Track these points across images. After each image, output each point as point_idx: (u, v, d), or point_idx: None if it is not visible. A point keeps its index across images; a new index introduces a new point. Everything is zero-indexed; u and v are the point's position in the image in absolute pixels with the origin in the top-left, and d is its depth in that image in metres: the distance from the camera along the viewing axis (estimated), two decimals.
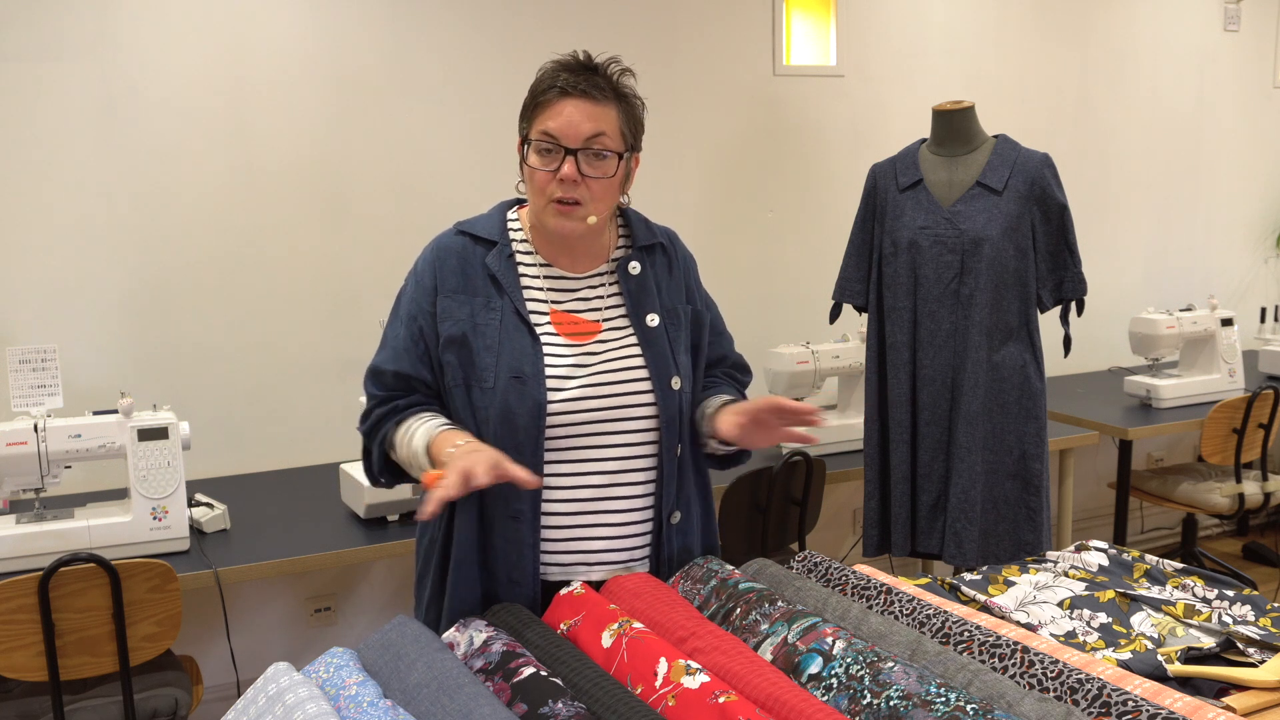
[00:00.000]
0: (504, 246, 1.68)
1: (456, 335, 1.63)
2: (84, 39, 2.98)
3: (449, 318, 1.64)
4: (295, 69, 3.22)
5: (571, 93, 1.59)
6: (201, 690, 2.57)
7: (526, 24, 3.48)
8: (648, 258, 1.75)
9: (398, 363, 1.66)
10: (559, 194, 1.60)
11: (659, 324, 1.70)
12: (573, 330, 1.67)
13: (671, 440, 1.69)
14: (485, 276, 1.66)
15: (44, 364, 2.52)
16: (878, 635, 1.40)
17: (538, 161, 1.61)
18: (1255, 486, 3.83)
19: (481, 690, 1.25)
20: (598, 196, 1.62)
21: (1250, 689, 1.41)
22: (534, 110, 1.63)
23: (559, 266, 1.70)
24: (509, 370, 1.60)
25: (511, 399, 1.59)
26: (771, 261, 3.99)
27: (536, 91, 1.63)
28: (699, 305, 1.79)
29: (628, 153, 1.66)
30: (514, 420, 1.60)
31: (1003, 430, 2.74)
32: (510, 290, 1.65)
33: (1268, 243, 5.15)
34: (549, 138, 1.59)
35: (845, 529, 4.20)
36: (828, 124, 4.03)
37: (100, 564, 2.26)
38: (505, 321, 1.63)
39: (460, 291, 1.65)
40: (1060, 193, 2.71)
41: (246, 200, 3.21)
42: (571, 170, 1.59)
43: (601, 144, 1.60)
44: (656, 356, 1.68)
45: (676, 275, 1.78)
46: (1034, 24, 4.37)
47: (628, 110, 1.66)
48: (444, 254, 1.68)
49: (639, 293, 1.71)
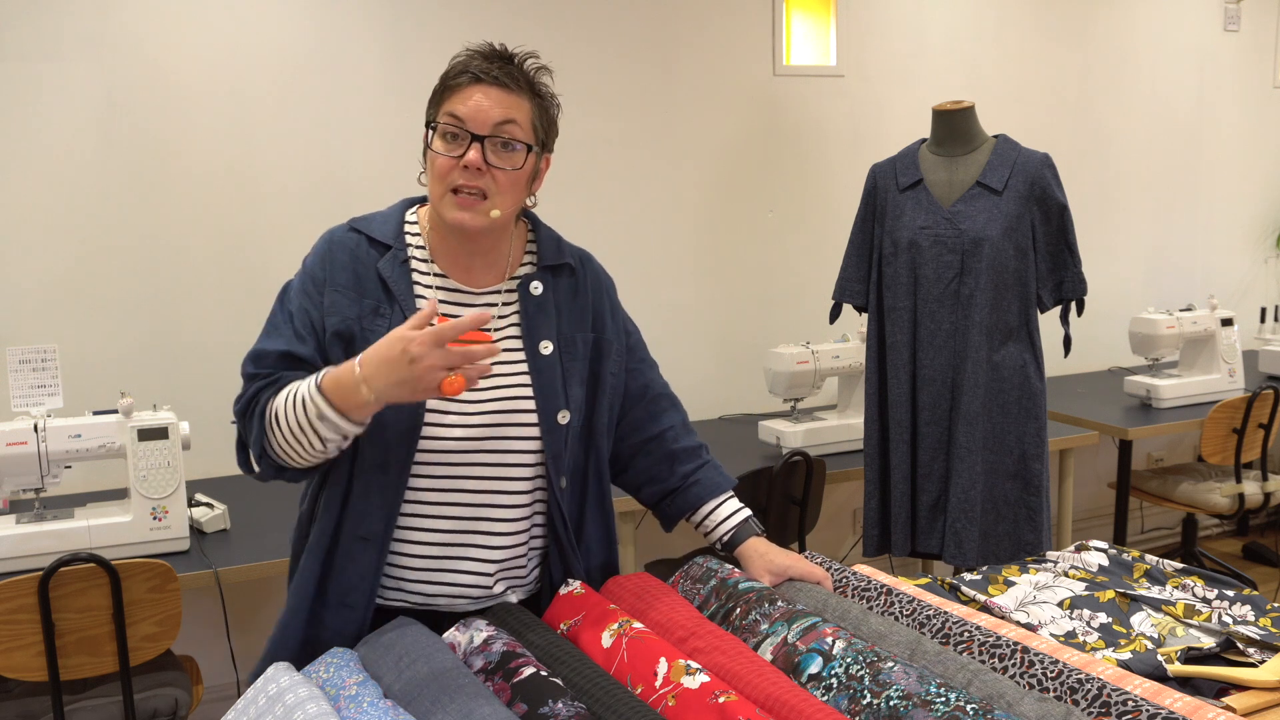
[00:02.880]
0: (399, 251, 1.58)
1: (344, 331, 1.53)
2: (84, 39, 2.98)
3: (336, 312, 1.54)
4: (295, 69, 3.22)
5: (484, 79, 1.51)
6: (201, 690, 2.57)
7: (526, 24, 3.48)
8: (552, 279, 1.64)
9: (290, 345, 1.54)
10: (461, 181, 1.50)
11: (552, 351, 1.60)
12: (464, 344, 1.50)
13: (555, 475, 1.60)
14: (377, 281, 1.56)
15: (44, 364, 2.52)
16: (878, 635, 1.40)
17: (442, 147, 1.51)
18: (1255, 486, 3.83)
19: (481, 690, 1.25)
20: (504, 189, 1.52)
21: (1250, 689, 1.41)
22: (443, 95, 1.54)
23: (454, 279, 1.60)
24: None
25: (387, 414, 1.49)
26: (771, 261, 3.99)
27: (447, 77, 1.54)
28: (607, 334, 1.67)
29: (538, 149, 1.56)
30: (386, 436, 1.51)
31: (1003, 430, 2.74)
32: (402, 299, 1.55)
33: (1268, 243, 5.15)
34: (455, 122, 1.50)
35: (845, 529, 4.20)
36: (828, 124, 4.03)
37: (100, 564, 2.26)
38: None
39: (350, 289, 1.55)
40: (1060, 193, 2.71)
41: (246, 200, 3.21)
42: (477, 157, 1.49)
43: (510, 133, 1.51)
44: (545, 386, 1.59)
45: (582, 300, 1.66)
46: (1034, 24, 4.37)
47: (541, 106, 1.56)
48: (335, 249, 1.58)
49: (536, 315, 1.61)
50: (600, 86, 3.62)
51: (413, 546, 1.57)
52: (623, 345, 1.71)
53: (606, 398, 1.67)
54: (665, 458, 1.74)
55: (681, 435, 1.77)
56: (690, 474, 1.75)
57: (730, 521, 1.72)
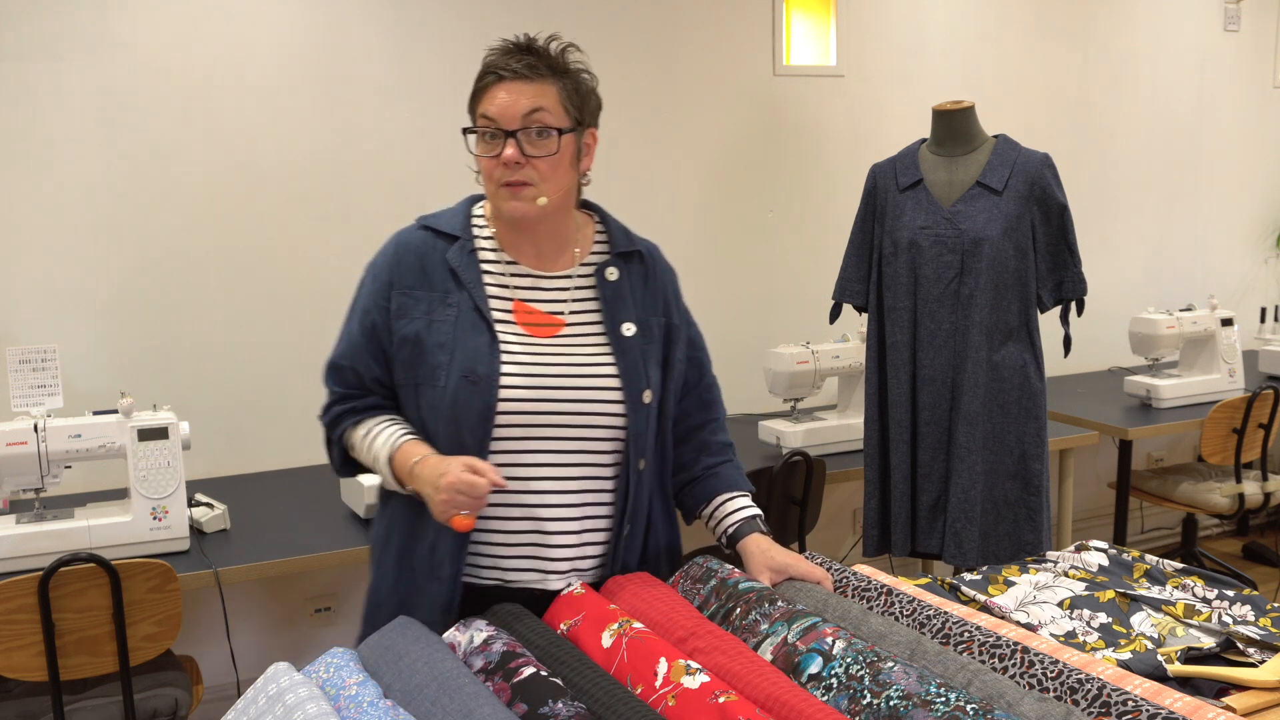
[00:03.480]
0: (466, 241, 1.65)
1: (410, 334, 1.60)
2: (84, 39, 2.98)
3: (404, 315, 1.61)
4: (294, 69, 3.22)
5: (506, 75, 1.56)
6: (201, 690, 2.57)
7: (526, 24, 3.48)
8: (625, 265, 1.71)
9: (354, 358, 1.65)
10: (505, 177, 1.57)
11: (634, 334, 1.66)
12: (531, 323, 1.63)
13: (636, 455, 1.64)
14: (445, 272, 1.62)
15: (44, 364, 2.52)
16: (878, 635, 1.40)
17: (482, 149, 1.59)
18: (1255, 486, 3.83)
19: (481, 690, 1.25)
20: (546, 176, 1.58)
21: (1250, 689, 1.41)
22: (475, 99, 1.61)
23: (525, 264, 1.67)
24: (461, 369, 1.57)
25: (461, 399, 1.56)
26: (771, 261, 3.99)
27: (476, 81, 1.61)
28: (675, 320, 1.74)
29: (576, 128, 1.61)
30: (460, 421, 1.56)
31: (1003, 430, 2.74)
32: (471, 286, 1.61)
33: (1268, 243, 5.15)
34: (489, 122, 1.57)
35: (845, 529, 4.20)
36: (828, 124, 4.03)
37: (100, 564, 2.26)
38: (462, 318, 1.60)
39: (418, 288, 1.62)
40: (1060, 193, 2.71)
41: (246, 200, 3.21)
42: (514, 152, 1.56)
43: (540, 120, 1.56)
44: (629, 367, 1.64)
45: (653, 287, 1.73)
46: (1034, 24, 4.37)
47: (571, 84, 1.61)
48: (403, 250, 1.65)
49: (615, 300, 1.67)
50: (600, 87, 3.61)
51: (495, 523, 1.62)
52: (686, 333, 1.78)
53: (674, 382, 1.73)
54: (697, 447, 1.79)
55: (718, 430, 1.82)
56: (713, 467, 1.79)
57: (738, 515, 1.74)
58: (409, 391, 1.62)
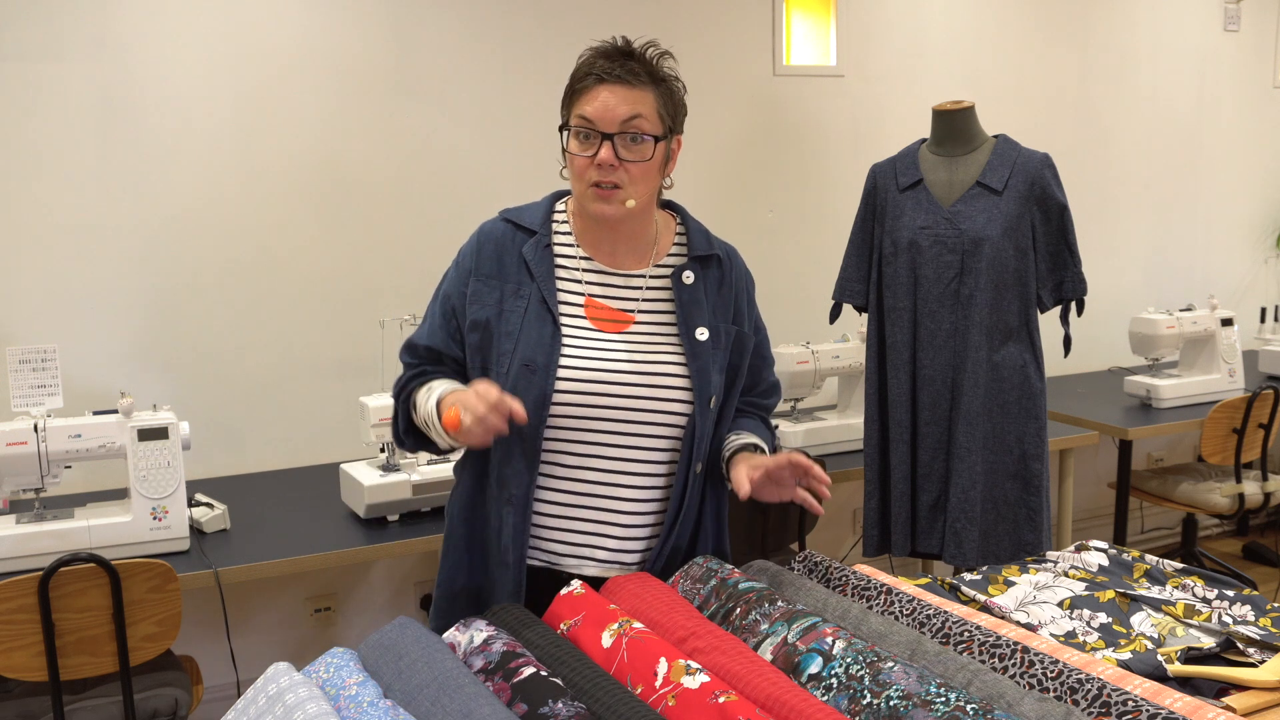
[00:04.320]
0: (543, 236, 1.70)
1: (481, 320, 1.66)
2: (84, 39, 2.98)
3: (478, 301, 1.68)
4: (296, 68, 3.22)
5: (607, 79, 1.59)
6: (201, 690, 2.57)
7: (526, 24, 3.48)
8: (701, 269, 1.73)
9: (430, 338, 1.72)
10: (597, 178, 1.61)
11: (707, 339, 1.69)
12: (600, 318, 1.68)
13: (696, 457, 1.68)
14: (520, 264, 1.68)
15: (44, 364, 2.52)
16: (878, 635, 1.40)
17: (577, 147, 1.62)
18: (1255, 486, 3.83)
19: (481, 690, 1.25)
20: (636, 180, 1.62)
21: (1250, 689, 1.41)
22: (572, 98, 1.63)
23: (599, 260, 1.71)
24: (522, 358, 1.62)
25: (520, 388, 1.62)
26: (772, 261, 3.99)
27: (575, 79, 1.64)
28: (745, 328, 1.77)
29: (667, 135, 1.65)
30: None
31: (1003, 430, 2.74)
32: (541, 279, 1.66)
33: (1268, 243, 5.15)
34: (586, 123, 1.60)
35: (845, 529, 4.20)
36: (828, 124, 4.03)
37: (100, 564, 2.26)
38: (530, 309, 1.65)
39: (494, 277, 1.68)
40: (1060, 193, 2.71)
41: (247, 200, 3.21)
42: (609, 154, 1.59)
43: (638, 127, 1.60)
44: (701, 371, 1.67)
45: (726, 293, 1.75)
46: (1034, 24, 4.37)
47: (666, 93, 1.65)
48: (485, 239, 1.71)
49: (690, 304, 1.70)
50: None
51: (552, 508, 1.68)
52: (754, 341, 1.79)
53: (737, 389, 1.75)
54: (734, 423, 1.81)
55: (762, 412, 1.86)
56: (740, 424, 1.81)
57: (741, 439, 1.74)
58: (475, 374, 1.68)
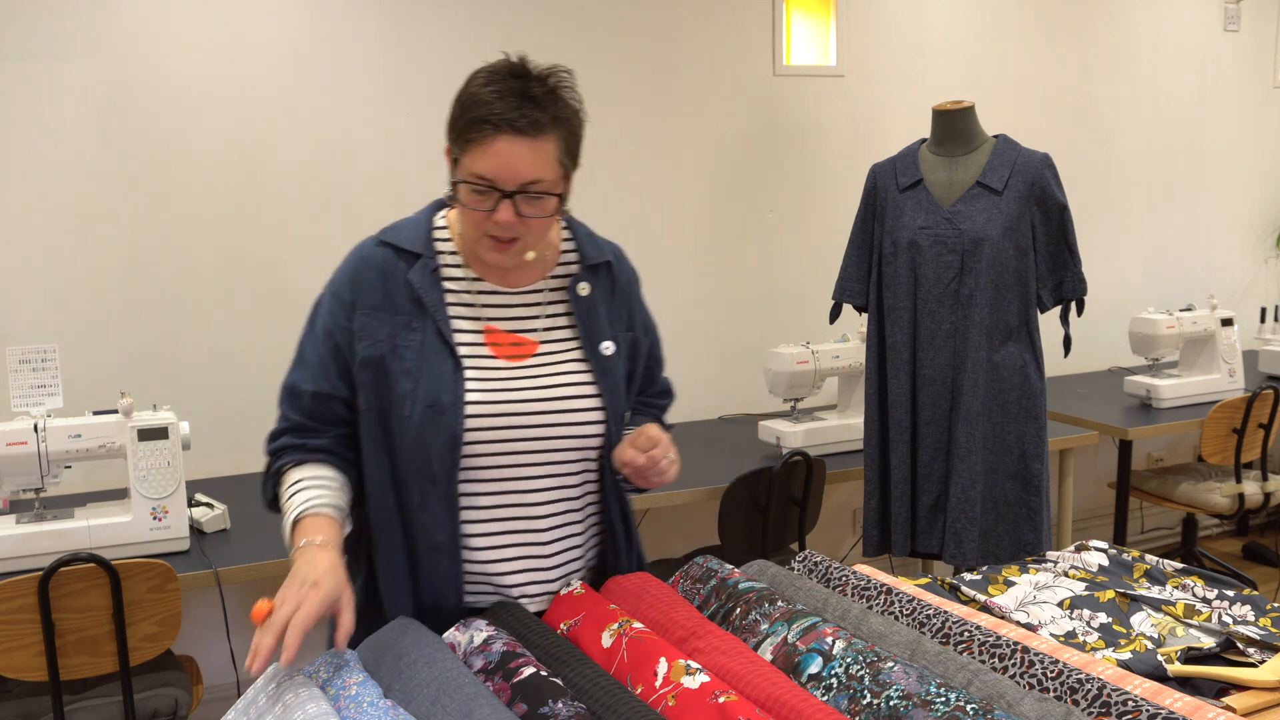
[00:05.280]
0: (429, 260, 1.55)
1: (373, 357, 1.52)
2: (84, 39, 2.98)
3: (367, 336, 1.53)
4: (296, 69, 3.22)
5: (506, 129, 1.43)
6: (201, 690, 2.57)
7: (526, 24, 3.48)
8: (594, 278, 1.63)
9: (316, 382, 1.55)
10: (495, 232, 1.48)
11: (613, 352, 1.60)
12: (511, 351, 1.56)
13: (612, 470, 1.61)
14: (408, 293, 1.53)
15: (44, 364, 2.52)
16: (878, 635, 1.40)
17: (471, 199, 1.47)
18: (1255, 486, 3.83)
19: (481, 690, 1.25)
20: (536, 231, 1.51)
21: (1250, 689, 1.41)
22: (465, 142, 1.47)
23: (491, 280, 1.58)
24: (425, 399, 1.49)
25: (427, 430, 1.49)
26: (772, 261, 3.99)
27: (468, 120, 1.46)
28: (638, 331, 1.68)
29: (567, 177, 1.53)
30: (428, 451, 1.50)
31: (1003, 430, 2.74)
32: (434, 310, 1.53)
33: (1268, 243, 5.15)
34: (483, 182, 1.45)
35: (845, 529, 4.20)
36: (828, 124, 4.03)
37: (100, 564, 2.26)
38: (426, 345, 1.52)
39: (381, 309, 1.53)
40: (1060, 193, 2.71)
41: (246, 199, 3.21)
42: (509, 215, 1.46)
43: (539, 188, 1.47)
44: (611, 387, 1.59)
45: (620, 298, 1.65)
46: (1034, 24, 4.37)
47: (568, 134, 1.50)
48: (365, 267, 1.55)
49: (590, 317, 1.60)
50: (600, 86, 3.62)
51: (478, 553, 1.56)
52: (646, 343, 1.72)
53: (634, 394, 1.69)
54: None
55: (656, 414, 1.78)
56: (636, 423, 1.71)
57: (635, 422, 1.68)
58: (372, 417, 1.53)
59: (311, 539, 1.42)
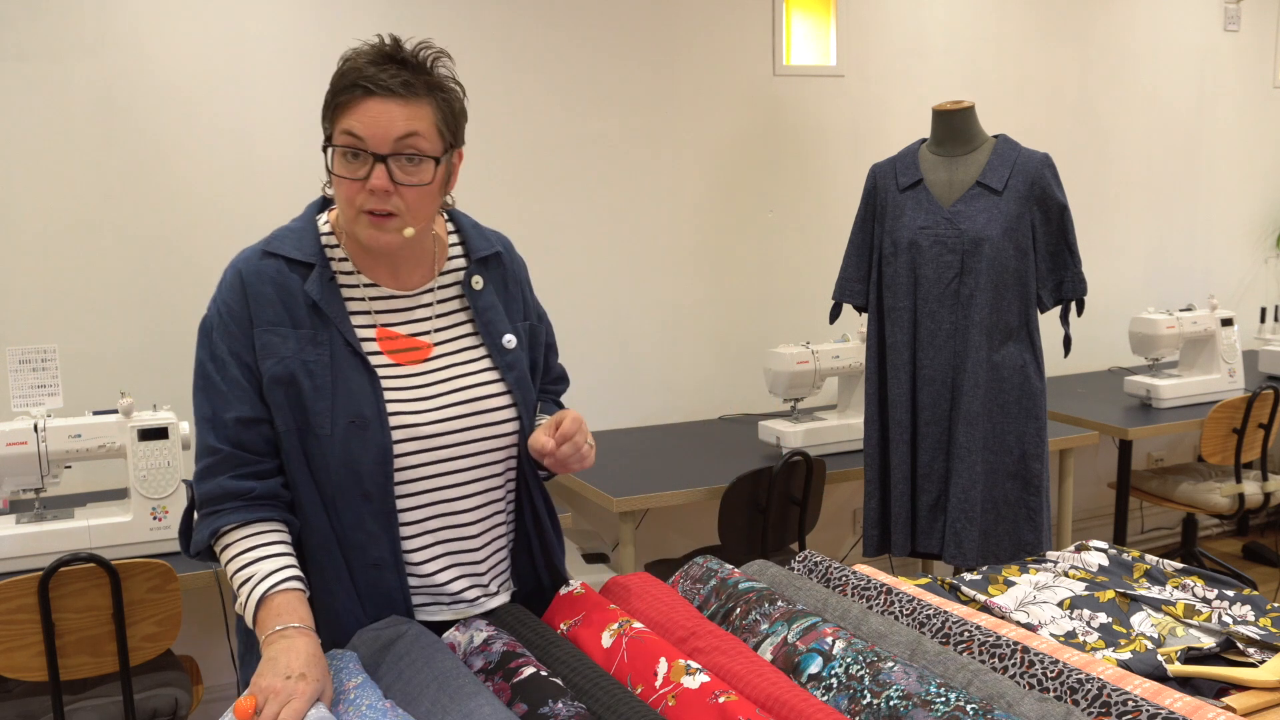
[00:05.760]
0: (323, 269, 1.48)
1: (282, 375, 1.43)
2: (84, 39, 2.98)
3: (271, 355, 1.44)
4: (295, 67, 3.22)
5: (376, 90, 1.38)
6: (201, 690, 2.57)
7: (526, 23, 3.48)
8: (485, 271, 1.58)
9: (239, 408, 1.44)
10: (370, 205, 1.41)
11: (515, 344, 1.57)
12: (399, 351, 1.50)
13: (532, 466, 1.59)
14: (306, 305, 1.46)
15: (44, 364, 2.52)
16: (878, 635, 1.40)
17: (344, 168, 1.41)
18: (1255, 486, 3.83)
19: (481, 690, 1.25)
20: (414, 206, 1.43)
21: (1250, 689, 1.41)
22: (335, 111, 1.41)
23: (384, 285, 1.52)
24: (346, 414, 1.43)
25: (354, 447, 1.43)
26: (772, 261, 3.99)
27: (337, 88, 1.41)
28: (533, 319, 1.64)
29: (447, 152, 1.46)
30: (358, 468, 1.44)
31: (1003, 430, 2.74)
32: (338, 320, 1.46)
33: (1268, 243, 5.15)
34: (354, 140, 1.39)
35: (845, 529, 4.20)
36: (828, 124, 4.03)
37: (100, 564, 2.26)
38: (336, 357, 1.45)
39: (281, 324, 1.45)
40: (1060, 193, 2.71)
41: (246, 199, 3.21)
42: (383, 180, 1.39)
43: (415, 146, 1.40)
44: (519, 380, 1.55)
45: (513, 289, 1.62)
46: (1034, 24, 4.37)
47: (445, 104, 1.44)
48: (257, 281, 1.46)
49: (488, 310, 1.56)
50: (600, 86, 3.62)
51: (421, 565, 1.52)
52: (543, 329, 1.68)
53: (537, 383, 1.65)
54: None
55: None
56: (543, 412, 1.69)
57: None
58: (291, 438, 1.45)
59: (288, 623, 1.34)
